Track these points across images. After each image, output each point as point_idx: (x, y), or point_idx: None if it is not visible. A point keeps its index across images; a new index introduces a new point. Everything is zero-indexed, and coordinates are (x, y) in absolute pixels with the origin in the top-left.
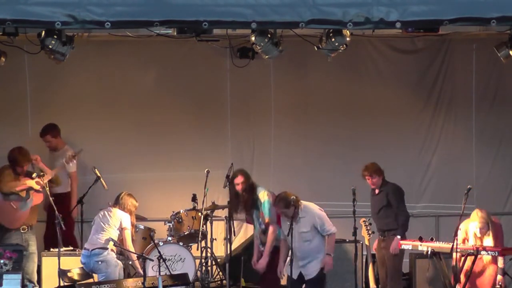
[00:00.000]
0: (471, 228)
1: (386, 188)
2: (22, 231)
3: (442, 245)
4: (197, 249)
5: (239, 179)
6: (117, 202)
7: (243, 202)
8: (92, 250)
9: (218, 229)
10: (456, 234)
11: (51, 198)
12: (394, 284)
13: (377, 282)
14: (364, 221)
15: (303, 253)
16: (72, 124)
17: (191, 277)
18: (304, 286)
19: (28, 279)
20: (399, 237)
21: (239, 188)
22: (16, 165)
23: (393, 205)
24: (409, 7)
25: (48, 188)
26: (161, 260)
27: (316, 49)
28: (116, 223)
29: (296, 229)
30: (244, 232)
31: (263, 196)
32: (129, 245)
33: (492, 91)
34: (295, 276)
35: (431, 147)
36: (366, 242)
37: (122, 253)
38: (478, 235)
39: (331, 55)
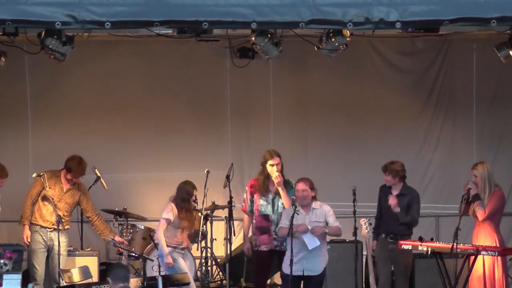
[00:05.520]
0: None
1: (411, 193)
2: None
3: (442, 245)
4: (197, 249)
5: (276, 160)
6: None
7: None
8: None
9: (218, 229)
10: (456, 234)
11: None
12: (406, 284)
13: (377, 283)
14: (364, 221)
15: None
16: (72, 123)
17: (191, 277)
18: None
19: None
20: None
21: (277, 169)
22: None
23: (414, 211)
24: (409, 7)
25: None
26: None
27: (316, 49)
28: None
29: (308, 220)
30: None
31: (292, 183)
32: (159, 234)
33: (492, 91)
34: (294, 273)
35: (431, 147)
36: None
37: (121, 253)
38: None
39: (331, 55)
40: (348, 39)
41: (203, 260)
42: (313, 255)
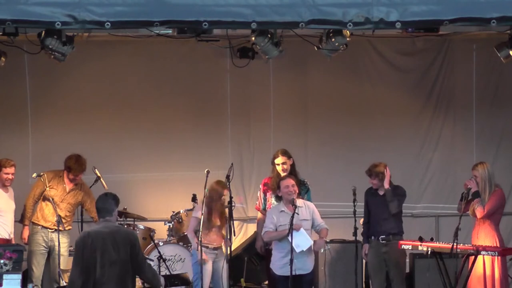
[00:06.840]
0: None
1: (397, 189)
2: None
3: (442, 245)
4: (197, 249)
5: (282, 159)
6: None
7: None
8: None
9: None
10: (456, 234)
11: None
12: (403, 285)
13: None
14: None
15: None
16: (72, 123)
17: (191, 277)
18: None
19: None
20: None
21: (282, 168)
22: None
23: (401, 209)
24: (409, 7)
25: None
26: (161, 260)
27: (316, 49)
28: None
29: (296, 219)
30: (244, 232)
31: (307, 183)
32: (189, 232)
33: (492, 91)
34: (285, 274)
35: (431, 147)
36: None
37: None
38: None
39: (331, 55)
40: (348, 39)
41: None
42: (302, 254)
